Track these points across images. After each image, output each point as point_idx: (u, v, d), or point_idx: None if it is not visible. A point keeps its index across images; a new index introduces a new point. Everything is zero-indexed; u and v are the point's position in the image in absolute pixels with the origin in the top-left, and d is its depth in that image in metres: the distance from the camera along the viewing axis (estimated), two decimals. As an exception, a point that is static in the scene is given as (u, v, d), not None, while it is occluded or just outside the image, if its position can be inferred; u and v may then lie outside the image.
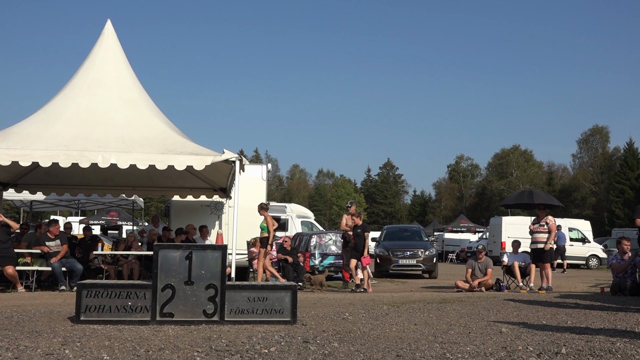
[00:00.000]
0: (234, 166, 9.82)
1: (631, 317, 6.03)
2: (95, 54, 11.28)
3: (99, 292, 5.40)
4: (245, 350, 3.93)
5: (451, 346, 4.10)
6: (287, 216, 21.36)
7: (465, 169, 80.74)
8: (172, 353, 3.84)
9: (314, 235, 15.62)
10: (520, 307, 7.14)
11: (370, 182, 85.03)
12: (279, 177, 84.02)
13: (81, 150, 9.40)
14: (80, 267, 11.13)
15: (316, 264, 14.96)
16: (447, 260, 32.33)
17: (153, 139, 10.02)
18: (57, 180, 12.74)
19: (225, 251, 5.55)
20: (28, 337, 4.45)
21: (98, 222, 27.18)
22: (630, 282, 9.99)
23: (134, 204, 18.82)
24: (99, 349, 3.96)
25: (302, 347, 4.05)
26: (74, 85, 10.96)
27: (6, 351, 3.82)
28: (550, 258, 11.61)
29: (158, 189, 14.03)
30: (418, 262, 16.99)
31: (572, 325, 5.31)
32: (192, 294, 5.36)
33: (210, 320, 5.34)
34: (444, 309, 6.86)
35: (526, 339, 4.47)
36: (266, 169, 15.13)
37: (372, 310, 6.59)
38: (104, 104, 10.53)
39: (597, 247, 26.17)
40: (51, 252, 10.98)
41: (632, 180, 54.03)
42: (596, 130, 65.81)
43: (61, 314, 6.10)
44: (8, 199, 16.23)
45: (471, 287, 11.24)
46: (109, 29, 11.54)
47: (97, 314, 5.35)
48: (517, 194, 15.05)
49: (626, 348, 4.02)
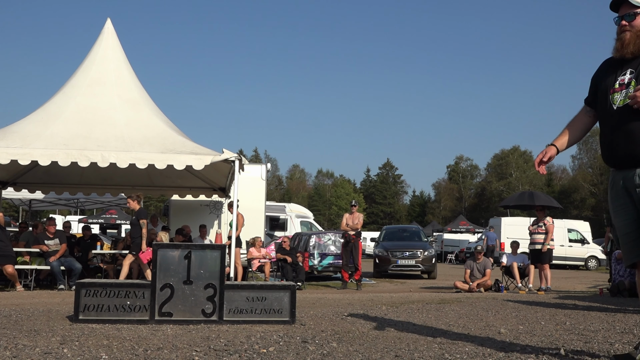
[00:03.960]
0: (233, 166, 9.82)
1: (630, 318, 6.04)
2: (95, 53, 11.28)
3: (97, 291, 5.40)
4: (243, 350, 3.93)
5: (450, 346, 4.11)
6: (286, 216, 21.38)
7: (465, 170, 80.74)
8: (170, 352, 3.84)
9: (313, 235, 15.62)
10: (519, 307, 7.14)
11: (369, 182, 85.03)
12: (279, 177, 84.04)
13: (80, 149, 9.40)
14: (79, 266, 11.13)
15: (315, 264, 14.97)
16: (446, 260, 32.35)
17: (152, 138, 10.02)
18: (56, 179, 12.75)
19: (224, 251, 5.55)
20: (26, 336, 4.45)
21: (97, 221, 27.19)
22: (629, 283, 10.00)
23: (133, 203, 18.78)
24: (97, 348, 3.96)
25: (300, 347, 4.05)
26: (73, 84, 10.96)
27: (4, 350, 3.82)
28: (549, 259, 11.63)
29: (157, 188, 14.04)
30: (417, 263, 17.00)
31: (570, 326, 5.31)
32: (191, 293, 5.36)
33: (209, 319, 5.34)
34: (442, 309, 6.86)
35: (525, 339, 4.47)
36: (265, 168, 15.14)
37: (371, 311, 6.59)
38: (104, 103, 10.54)
39: (596, 248, 26.18)
40: (50, 251, 10.97)
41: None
42: (596, 132, 65.60)
43: (60, 313, 6.10)
44: (7, 198, 16.22)
45: (470, 288, 11.25)
46: (108, 28, 11.54)
47: (95, 313, 5.35)
48: (518, 195, 15.06)
49: (624, 349, 4.03)
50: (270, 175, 62.34)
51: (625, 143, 3.30)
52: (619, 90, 3.37)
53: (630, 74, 3.35)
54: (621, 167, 3.40)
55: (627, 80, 3.35)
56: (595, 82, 3.62)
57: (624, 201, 3.40)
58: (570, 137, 3.73)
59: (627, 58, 3.37)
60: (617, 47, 3.41)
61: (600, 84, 3.54)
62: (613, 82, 3.42)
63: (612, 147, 3.39)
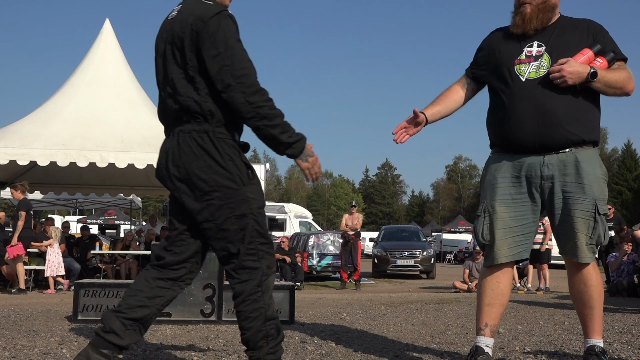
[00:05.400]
0: (232, 166, 9.82)
1: (628, 318, 6.04)
2: (94, 53, 11.28)
3: (96, 292, 5.40)
4: (242, 350, 3.93)
5: (449, 346, 4.11)
6: (285, 216, 21.38)
7: (464, 170, 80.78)
8: (169, 353, 3.84)
9: (312, 236, 15.64)
10: (518, 307, 7.14)
11: (368, 182, 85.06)
12: (277, 177, 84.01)
13: (79, 150, 9.41)
14: (78, 266, 11.14)
15: (314, 264, 14.98)
16: (445, 260, 32.38)
17: (151, 138, 10.03)
18: (55, 179, 12.75)
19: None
20: (25, 336, 4.45)
21: (96, 222, 27.15)
22: (627, 283, 10.02)
23: (132, 203, 18.83)
24: (96, 349, 3.95)
25: (299, 347, 4.05)
26: (72, 84, 10.96)
27: (3, 350, 3.81)
28: (547, 259, 11.64)
29: (156, 188, 14.05)
30: (416, 263, 17.02)
31: (569, 326, 5.32)
32: (190, 293, 5.36)
33: (208, 320, 5.34)
34: (441, 309, 6.87)
35: (523, 339, 4.48)
36: (264, 168, 15.10)
37: (370, 311, 6.59)
38: (103, 103, 10.54)
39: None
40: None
41: (629, 182, 54.11)
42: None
43: (58, 313, 6.10)
44: (5, 198, 16.21)
45: (469, 288, 11.26)
46: (107, 28, 11.54)
47: (94, 313, 5.35)
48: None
49: (623, 349, 4.03)
50: (269, 175, 62.26)
51: (534, 122, 2.97)
52: (527, 62, 3.05)
53: (539, 47, 3.05)
54: (524, 152, 3.04)
55: (536, 52, 3.04)
56: (488, 52, 3.24)
57: (517, 191, 3.07)
58: (442, 109, 3.37)
59: (529, 34, 3.09)
60: (517, 23, 3.08)
61: (496, 55, 3.17)
62: (518, 52, 3.09)
63: (517, 125, 3.01)
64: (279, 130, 2.61)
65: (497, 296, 3.11)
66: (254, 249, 2.66)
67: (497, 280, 3.11)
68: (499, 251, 3.06)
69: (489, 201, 3.12)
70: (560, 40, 3.08)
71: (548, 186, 3.03)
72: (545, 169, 3.01)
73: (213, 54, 2.57)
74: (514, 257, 3.09)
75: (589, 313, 3.08)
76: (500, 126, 3.12)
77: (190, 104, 2.64)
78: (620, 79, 3.06)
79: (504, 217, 3.06)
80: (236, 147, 2.69)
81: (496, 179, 3.12)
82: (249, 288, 2.64)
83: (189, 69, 2.64)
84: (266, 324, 2.64)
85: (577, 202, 2.97)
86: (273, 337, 2.67)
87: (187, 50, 2.63)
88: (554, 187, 3.01)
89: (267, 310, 2.65)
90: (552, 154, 3.01)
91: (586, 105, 3.03)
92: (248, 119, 2.62)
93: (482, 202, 3.19)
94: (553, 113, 2.96)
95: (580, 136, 3.01)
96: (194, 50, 2.62)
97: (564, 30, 3.11)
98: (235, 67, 2.58)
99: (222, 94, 2.59)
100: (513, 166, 3.09)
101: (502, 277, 3.11)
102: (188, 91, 2.64)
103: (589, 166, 3.01)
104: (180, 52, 2.66)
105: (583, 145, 3.03)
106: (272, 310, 2.68)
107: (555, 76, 2.93)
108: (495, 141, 3.20)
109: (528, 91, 3.00)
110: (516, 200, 3.07)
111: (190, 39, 2.61)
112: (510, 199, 3.08)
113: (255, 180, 2.73)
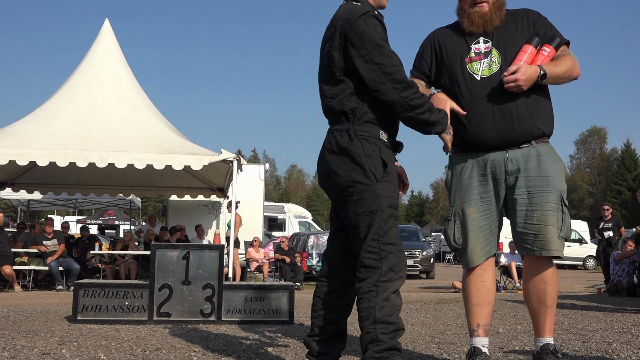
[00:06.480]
0: (232, 166, 9.83)
1: (627, 318, 6.05)
2: (93, 53, 11.27)
3: (96, 292, 5.40)
4: (242, 350, 3.93)
5: (448, 346, 4.11)
6: (284, 216, 21.37)
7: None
8: (169, 353, 3.84)
9: (312, 236, 15.63)
10: (517, 307, 7.15)
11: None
12: (277, 177, 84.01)
13: (79, 150, 9.40)
14: (77, 266, 11.13)
15: (313, 264, 14.97)
16: (444, 260, 32.36)
17: (151, 138, 10.03)
18: (54, 179, 12.74)
19: (222, 251, 5.55)
20: (25, 336, 4.45)
21: (95, 222, 27.14)
22: (627, 283, 10.02)
23: (131, 203, 18.83)
24: (95, 349, 3.96)
25: (299, 347, 4.05)
26: (71, 85, 10.95)
27: (3, 350, 3.81)
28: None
29: (155, 188, 14.04)
30: (415, 263, 17.02)
31: (569, 326, 5.32)
32: (190, 293, 5.36)
33: (208, 320, 5.34)
34: (441, 309, 6.87)
35: (523, 339, 4.48)
36: (264, 168, 15.15)
37: (370, 311, 6.58)
38: (102, 103, 10.53)
39: (594, 248, 26.18)
40: (48, 251, 10.97)
41: (629, 182, 54.13)
42: (594, 132, 65.88)
43: (58, 313, 6.10)
44: (5, 198, 16.23)
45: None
46: (106, 28, 11.53)
47: (94, 313, 5.35)
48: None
49: (622, 349, 4.03)
50: (269, 175, 62.37)
51: (496, 120, 2.98)
52: (477, 59, 3.04)
53: (486, 43, 3.05)
54: (486, 149, 3.04)
55: (484, 49, 3.04)
56: (434, 53, 3.18)
57: (484, 189, 3.07)
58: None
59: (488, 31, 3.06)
60: (476, 22, 3.04)
61: (444, 55, 3.13)
62: (466, 51, 3.07)
63: (479, 124, 3.01)
64: (428, 114, 2.75)
65: (483, 295, 3.11)
66: (376, 247, 2.62)
67: (481, 279, 3.11)
68: (473, 253, 3.07)
69: (459, 204, 3.11)
70: (504, 34, 3.08)
71: (512, 181, 3.04)
72: (510, 164, 3.02)
73: (362, 54, 2.67)
74: (487, 255, 3.10)
75: (545, 312, 3.08)
76: (461, 126, 3.07)
77: (334, 105, 2.78)
78: (567, 69, 3.07)
79: (475, 218, 3.07)
80: (378, 144, 2.73)
81: (463, 180, 3.12)
82: (365, 286, 2.62)
83: (336, 70, 2.75)
84: (376, 327, 2.55)
85: (544, 195, 2.97)
86: (382, 343, 2.55)
87: (334, 51, 2.74)
88: (517, 182, 3.02)
89: (377, 312, 2.56)
90: (515, 149, 3.04)
91: (541, 98, 3.07)
92: (401, 113, 2.72)
93: (451, 205, 3.17)
94: (513, 109, 2.99)
95: (541, 129, 3.05)
96: (341, 52, 2.72)
97: (505, 23, 3.10)
98: (385, 65, 2.66)
99: (374, 92, 2.68)
100: (477, 164, 3.09)
101: (485, 276, 3.11)
102: (333, 92, 2.78)
103: (549, 159, 3.04)
104: (327, 54, 2.79)
105: (542, 137, 3.07)
106: (385, 314, 2.57)
107: (511, 86, 2.94)
108: (454, 141, 3.10)
109: (485, 90, 3.01)
110: (484, 199, 3.08)
111: (338, 41, 2.73)
112: (479, 198, 3.08)
113: (390, 179, 2.74)
